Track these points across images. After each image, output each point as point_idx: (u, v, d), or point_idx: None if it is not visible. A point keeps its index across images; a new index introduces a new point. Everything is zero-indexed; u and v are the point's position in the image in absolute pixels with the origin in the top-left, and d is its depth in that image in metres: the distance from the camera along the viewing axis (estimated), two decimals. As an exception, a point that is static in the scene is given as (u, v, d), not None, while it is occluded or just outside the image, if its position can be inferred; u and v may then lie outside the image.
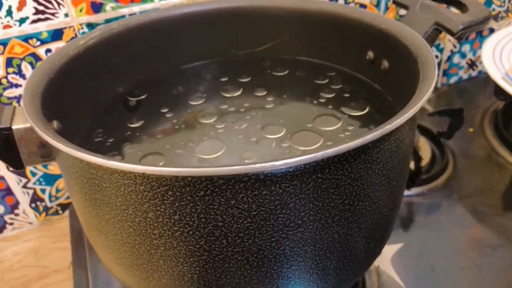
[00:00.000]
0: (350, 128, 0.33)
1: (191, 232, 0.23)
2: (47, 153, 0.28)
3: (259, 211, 0.22)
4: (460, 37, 0.33)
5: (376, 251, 0.30)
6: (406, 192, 0.50)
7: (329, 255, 0.25)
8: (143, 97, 0.39)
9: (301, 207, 0.23)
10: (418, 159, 0.49)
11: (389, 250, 0.43)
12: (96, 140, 0.34)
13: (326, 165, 0.22)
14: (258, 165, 0.20)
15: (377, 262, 0.42)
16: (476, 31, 0.61)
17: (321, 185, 0.22)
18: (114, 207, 0.24)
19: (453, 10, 0.36)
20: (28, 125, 0.26)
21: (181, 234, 0.23)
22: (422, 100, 0.23)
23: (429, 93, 0.24)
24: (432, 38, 0.34)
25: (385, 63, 0.35)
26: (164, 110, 0.37)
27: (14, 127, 0.27)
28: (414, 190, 0.50)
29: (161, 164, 0.30)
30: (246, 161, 0.30)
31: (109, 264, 0.30)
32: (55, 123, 0.29)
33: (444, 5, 0.36)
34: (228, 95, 0.39)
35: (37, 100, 0.27)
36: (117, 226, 0.25)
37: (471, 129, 0.58)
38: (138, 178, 0.21)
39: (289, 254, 0.24)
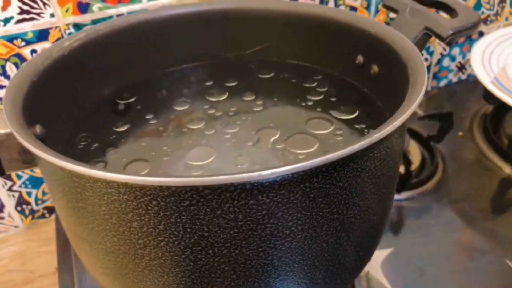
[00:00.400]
0: (339, 132, 0.33)
1: (176, 242, 0.22)
2: (28, 159, 0.27)
3: (245, 221, 0.21)
4: (450, 42, 0.33)
5: (365, 259, 0.30)
6: (396, 196, 0.50)
7: (317, 264, 0.25)
8: (130, 100, 0.38)
9: (288, 216, 0.22)
10: (408, 163, 0.49)
11: (379, 255, 0.43)
12: (81, 144, 0.33)
13: (314, 174, 0.21)
14: (244, 174, 0.19)
15: (367, 267, 0.42)
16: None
17: (309, 194, 0.22)
18: (97, 216, 0.23)
19: (443, 14, 0.36)
20: (8, 130, 0.25)
21: (166, 244, 0.22)
22: (411, 107, 0.23)
23: (418, 100, 0.24)
24: (421, 42, 0.34)
25: (375, 68, 0.35)
26: (151, 115, 0.36)
27: (-6, 132, 0.26)
28: (404, 194, 0.50)
29: (146, 171, 0.30)
30: (239, 166, 0.30)
31: (94, 273, 0.29)
32: (38, 128, 0.29)
33: (434, 10, 0.36)
34: (216, 99, 0.38)
35: (18, 104, 0.26)
36: (101, 235, 0.24)
37: (460, 133, 0.59)
38: (121, 187, 0.21)
39: (277, 264, 0.24)
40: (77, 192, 0.23)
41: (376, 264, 0.42)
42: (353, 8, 0.58)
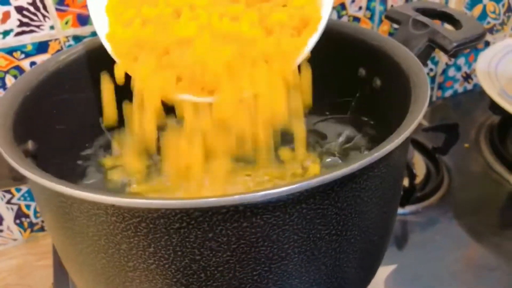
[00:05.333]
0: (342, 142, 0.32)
1: (167, 266, 0.21)
2: (19, 177, 0.26)
3: (239, 244, 0.21)
4: (454, 55, 0.32)
5: (366, 280, 0.29)
6: (400, 210, 0.48)
7: (316, 288, 0.24)
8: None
9: (284, 239, 0.21)
10: (412, 176, 0.47)
11: (383, 271, 0.42)
12: (76, 160, 0.32)
13: (311, 195, 0.20)
14: (236, 196, 0.18)
15: (370, 285, 0.41)
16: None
17: (305, 216, 0.21)
18: (86, 237, 0.22)
19: (447, 26, 0.35)
20: (-3, 147, 0.25)
21: (157, 267, 0.21)
22: (413, 124, 0.22)
23: (420, 116, 0.23)
24: (425, 55, 0.33)
25: (377, 81, 0.34)
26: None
27: (-17, 149, 0.25)
28: (408, 208, 0.48)
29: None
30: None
31: (86, 293, 0.28)
32: (30, 144, 0.28)
33: (439, 22, 0.35)
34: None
35: (8, 120, 0.26)
36: (90, 256, 0.23)
37: (466, 145, 0.57)
38: (109, 209, 0.20)
39: (272, 288, 0.23)
40: (65, 213, 0.22)
41: (380, 281, 0.41)
42: (357, 19, 0.57)
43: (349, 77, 0.37)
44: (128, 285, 0.23)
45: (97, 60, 0.36)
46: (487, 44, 0.68)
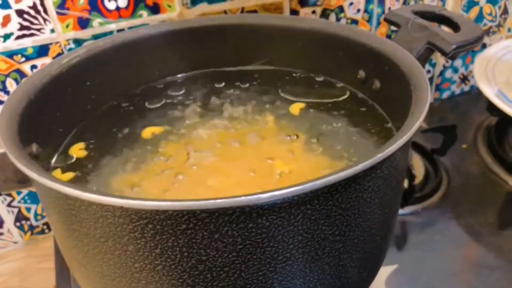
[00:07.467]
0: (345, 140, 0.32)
1: (173, 266, 0.21)
2: (24, 179, 0.26)
3: (245, 244, 0.21)
4: (453, 57, 0.32)
5: (368, 280, 0.29)
6: (399, 211, 0.49)
7: (319, 287, 0.24)
8: (130, 113, 0.38)
9: (289, 239, 0.21)
10: (411, 177, 0.48)
11: (383, 272, 0.42)
12: (76, 159, 0.32)
13: (315, 196, 0.21)
14: (243, 197, 0.19)
15: (371, 285, 0.41)
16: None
17: (310, 217, 0.21)
18: (92, 238, 0.22)
19: (445, 29, 0.36)
20: (3, 150, 0.25)
21: (163, 268, 0.22)
22: (414, 126, 0.23)
23: (422, 118, 0.24)
24: (424, 57, 0.33)
25: (377, 83, 0.34)
26: (153, 128, 0.35)
27: (-11, 152, 0.25)
28: (407, 209, 0.49)
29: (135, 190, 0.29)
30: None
31: (90, 295, 0.28)
32: (34, 146, 0.28)
33: (436, 24, 0.36)
34: (223, 109, 0.37)
35: (14, 124, 0.26)
36: (96, 258, 0.23)
37: (464, 146, 0.58)
38: (116, 211, 0.20)
39: (277, 288, 0.23)
40: (72, 215, 0.22)
41: (381, 281, 0.41)
42: (355, 21, 0.58)
43: (348, 79, 0.37)
44: (134, 286, 0.23)
45: (99, 62, 0.37)
46: (484, 46, 0.68)
